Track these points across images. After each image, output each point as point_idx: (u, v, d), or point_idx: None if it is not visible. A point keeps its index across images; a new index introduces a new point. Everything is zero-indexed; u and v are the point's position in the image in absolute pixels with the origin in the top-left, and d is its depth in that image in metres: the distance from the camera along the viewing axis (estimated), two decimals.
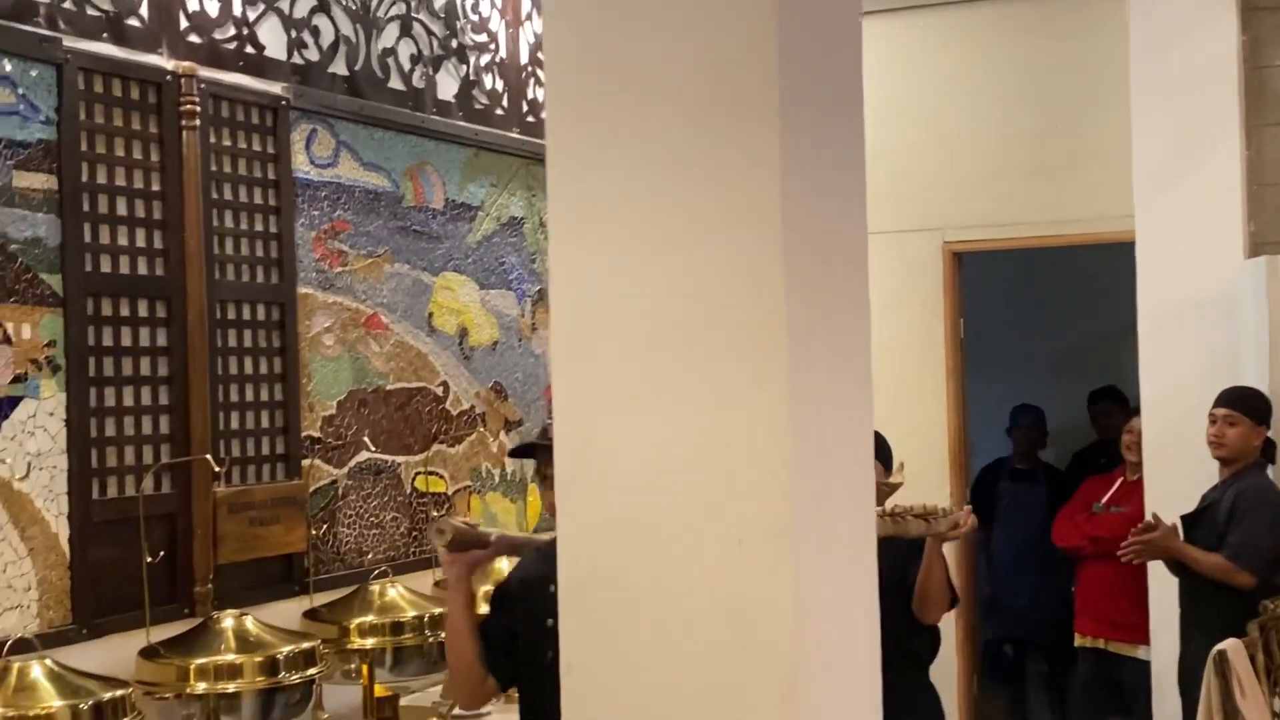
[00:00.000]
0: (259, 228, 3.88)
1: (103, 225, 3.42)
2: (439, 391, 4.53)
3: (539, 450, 2.88)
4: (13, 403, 3.18)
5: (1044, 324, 7.04)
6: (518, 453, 3.26)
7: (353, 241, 4.21)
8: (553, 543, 2.94)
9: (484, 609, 3.09)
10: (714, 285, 1.89)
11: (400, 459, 4.35)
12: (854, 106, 2.07)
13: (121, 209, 3.47)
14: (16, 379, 3.19)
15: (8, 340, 3.17)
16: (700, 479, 1.90)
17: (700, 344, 1.90)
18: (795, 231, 1.88)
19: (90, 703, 2.90)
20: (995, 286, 6.40)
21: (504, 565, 3.53)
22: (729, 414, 1.88)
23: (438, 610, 3.77)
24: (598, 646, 1.97)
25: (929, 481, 5.62)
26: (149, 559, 3.38)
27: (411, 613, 3.79)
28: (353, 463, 4.17)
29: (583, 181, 2.00)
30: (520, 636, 2.89)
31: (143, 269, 3.52)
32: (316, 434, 4.04)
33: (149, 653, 3.31)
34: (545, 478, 2.87)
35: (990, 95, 5.68)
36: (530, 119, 5.01)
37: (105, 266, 3.42)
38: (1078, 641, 5.81)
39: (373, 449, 4.23)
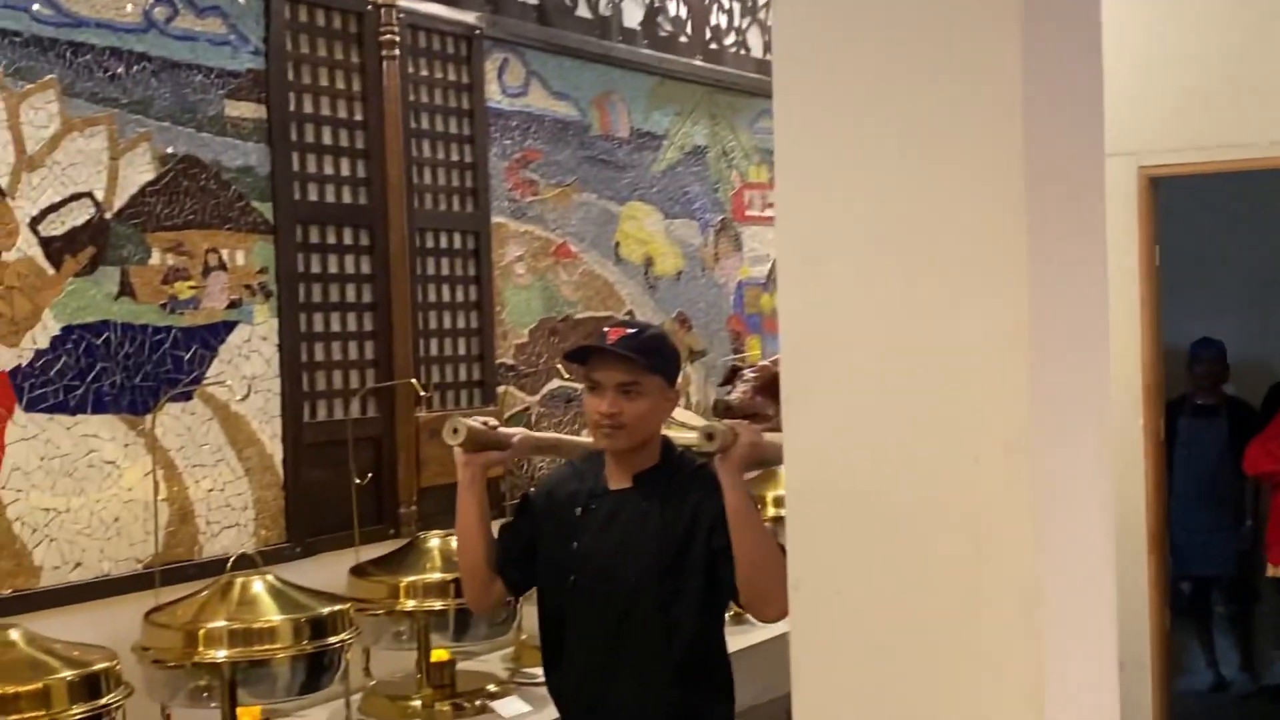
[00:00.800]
0: (455, 157, 3.92)
1: (309, 154, 3.49)
2: None
3: (593, 352, 2.76)
4: (229, 327, 3.28)
5: (1241, 251, 6.75)
6: (572, 355, 3.00)
7: (542, 171, 4.23)
8: (588, 456, 2.88)
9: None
10: (949, 190, 1.83)
11: None
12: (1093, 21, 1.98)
13: (327, 138, 3.54)
14: (232, 304, 3.29)
15: (223, 266, 3.27)
16: (934, 394, 1.85)
17: (935, 252, 1.83)
18: (1036, 137, 1.81)
19: (310, 616, 2.98)
20: (1188, 212, 6.14)
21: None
22: (965, 325, 1.82)
23: None
24: (828, 565, 1.94)
25: (1121, 417, 5.45)
26: (358, 480, 3.47)
27: None
28: (544, 390, 4.22)
29: (810, 89, 1.95)
30: (542, 554, 2.83)
31: (347, 197, 3.58)
32: (510, 361, 4.09)
33: (359, 571, 3.40)
34: (595, 384, 2.73)
35: (1193, 8, 5.43)
36: (713, 46, 4.96)
37: (313, 195, 3.49)
38: (1270, 572, 5.63)
39: (564, 377, 4.27)
